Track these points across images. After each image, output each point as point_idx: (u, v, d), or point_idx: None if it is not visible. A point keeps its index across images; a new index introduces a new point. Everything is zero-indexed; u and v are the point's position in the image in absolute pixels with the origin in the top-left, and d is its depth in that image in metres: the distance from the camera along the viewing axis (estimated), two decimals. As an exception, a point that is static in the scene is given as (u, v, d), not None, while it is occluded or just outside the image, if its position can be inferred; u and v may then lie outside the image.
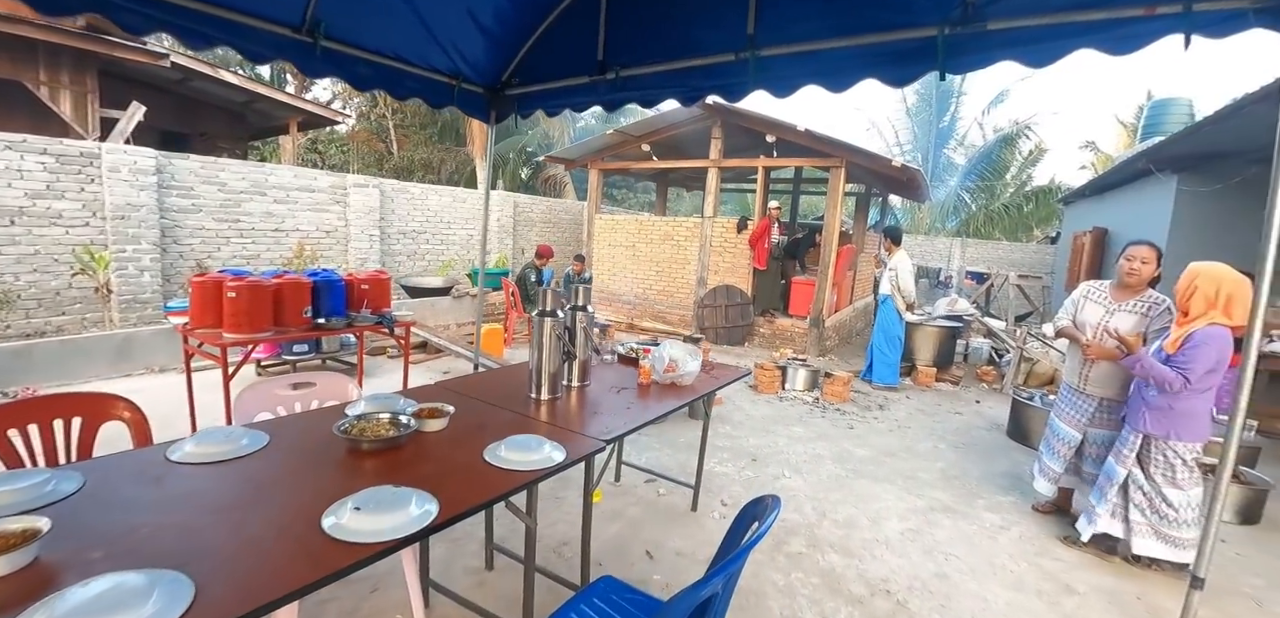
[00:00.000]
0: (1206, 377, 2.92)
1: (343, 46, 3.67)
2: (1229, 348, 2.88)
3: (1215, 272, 2.95)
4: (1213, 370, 2.91)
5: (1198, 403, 3.00)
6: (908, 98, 18.61)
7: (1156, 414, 3.08)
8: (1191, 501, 3.10)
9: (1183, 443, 3.05)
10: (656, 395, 2.86)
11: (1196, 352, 2.89)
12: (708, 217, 9.65)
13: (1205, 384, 2.94)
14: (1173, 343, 3.02)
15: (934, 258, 17.78)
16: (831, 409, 6.11)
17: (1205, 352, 2.87)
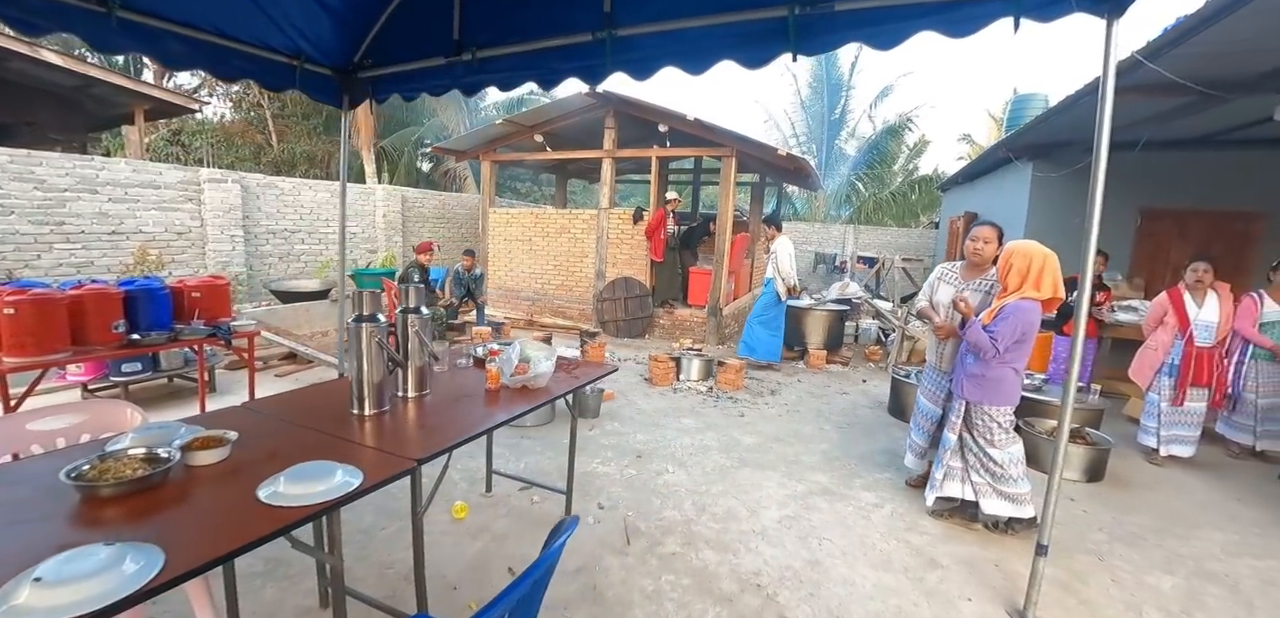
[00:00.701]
0: (1015, 347, 3.11)
1: (146, 17, 3.16)
2: (1036, 319, 3.09)
3: (1028, 249, 3.12)
4: (1020, 341, 3.09)
5: (1006, 371, 3.18)
6: (801, 90, 19.32)
7: (973, 382, 3.27)
8: (1013, 457, 3.31)
9: (996, 407, 3.23)
10: (506, 401, 2.60)
11: (1004, 323, 3.07)
12: (604, 208, 9.45)
13: (1014, 355, 3.13)
14: (989, 314, 3.20)
15: (830, 244, 18.55)
16: (725, 398, 6.09)
17: (1012, 322, 3.05)
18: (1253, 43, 3.98)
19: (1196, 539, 3.61)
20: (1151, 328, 4.86)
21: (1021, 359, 3.17)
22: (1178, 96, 4.95)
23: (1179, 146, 7.31)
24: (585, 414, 5.24)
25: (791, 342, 8.21)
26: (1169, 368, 4.71)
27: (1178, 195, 7.56)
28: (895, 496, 3.93)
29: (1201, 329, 4.57)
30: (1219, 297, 4.62)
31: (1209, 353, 4.60)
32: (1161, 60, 4.03)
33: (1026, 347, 3.14)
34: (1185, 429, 4.68)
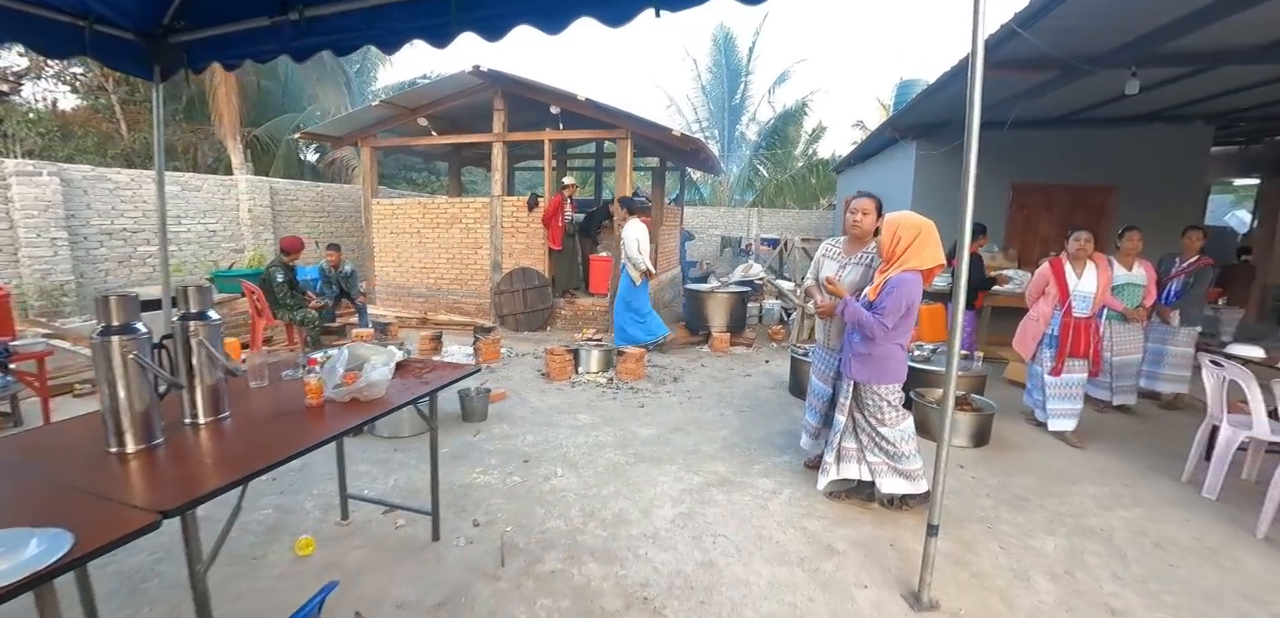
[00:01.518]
0: (900, 323, 3.01)
1: None
2: (918, 292, 2.99)
3: (908, 220, 3.02)
4: (905, 316, 2.99)
5: (892, 348, 3.09)
6: (702, 76, 19.41)
7: (861, 362, 3.16)
8: (904, 433, 3.24)
9: (884, 385, 3.15)
10: (332, 417, 2.15)
11: (889, 297, 2.96)
12: (496, 196, 8.90)
13: (899, 331, 3.03)
14: (874, 290, 3.09)
15: (735, 227, 18.81)
16: (625, 389, 5.81)
17: (897, 297, 2.95)
18: (1110, 15, 4.14)
19: (1073, 496, 3.72)
20: (1034, 298, 4.79)
21: (906, 334, 3.08)
22: (1044, 72, 5.15)
23: (1043, 125, 7.79)
24: (471, 418, 4.79)
25: (695, 326, 8.09)
26: (1049, 339, 4.61)
27: (1044, 171, 8.07)
28: (793, 480, 3.79)
29: (1080, 300, 4.50)
30: (1097, 267, 4.57)
31: (1087, 324, 4.53)
32: (1033, 31, 4.10)
33: (911, 321, 3.05)
34: (1067, 403, 4.61)
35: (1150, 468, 4.22)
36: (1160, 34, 4.34)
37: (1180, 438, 4.72)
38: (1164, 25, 4.26)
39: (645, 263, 7.03)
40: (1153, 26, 4.28)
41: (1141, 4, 3.97)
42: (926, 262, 2.96)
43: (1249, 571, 2.96)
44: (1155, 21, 4.21)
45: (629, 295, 7.14)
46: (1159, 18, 4.17)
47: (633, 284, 7.11)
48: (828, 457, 3.42)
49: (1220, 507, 3.64)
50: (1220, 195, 15.28)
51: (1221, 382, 3.79)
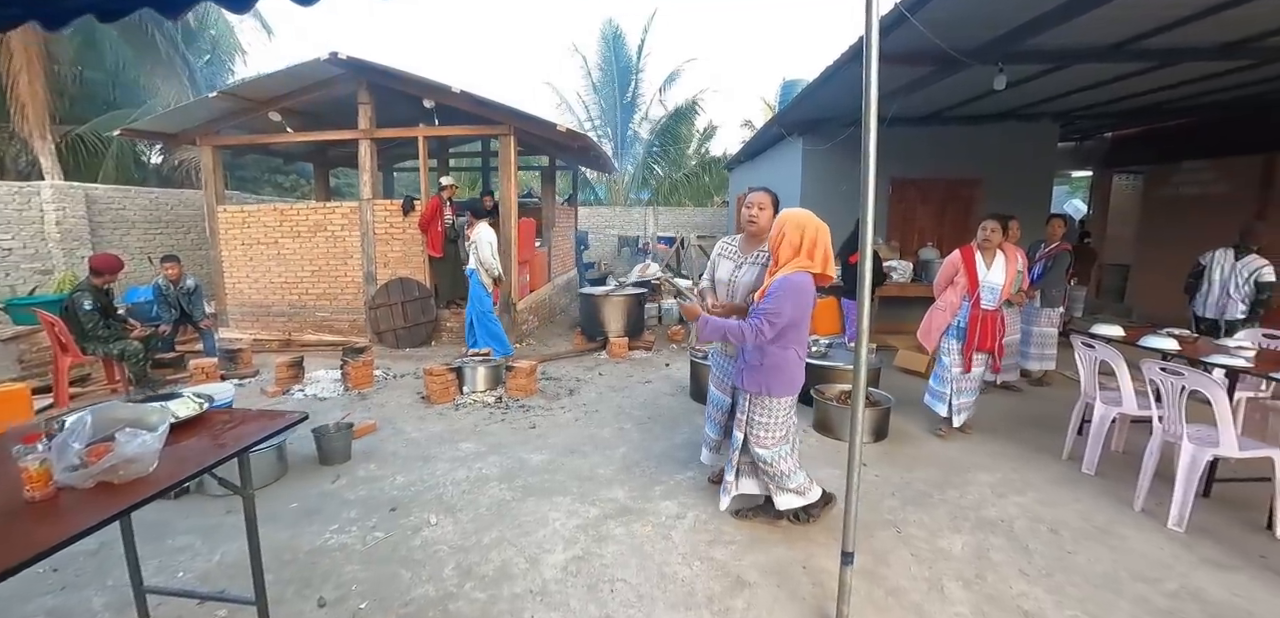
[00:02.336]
0: (789, 329, 2.73)
1: None
2: (808, 295, 2.71)
3: (799, 219, 2.75)
4: (795, 322, 2.72)
5: (786, 356, 2.81)
6: (592, 73, 19.03)
7: (751, 371, 2.88)
8: (781, 454, 2.97)
9: (774, 398, 2.86)
10: (71, 511, 1.52)
11: (771, 301, 2.68)
12: (367, 199, 8.02)
13: (790, 336, 2.76)
14: (760, 292, 2.82)
15: (632, 227, 18.63)
16: (516, 408, 5.30)
17: (778, 299, 2.66)
18: (983, 8, 4.20)
19: (971, 486, 3.71)
20: (942, 288, 4.52)
21: (800, 341, 2.82)
22: (923, 66, 5.22)
23: (918, 123, 8.14)
24: (331, 460, 4.09)
25: (592, 331, 7.70)
26: (956, 330, 4.38)
27: (919, 166, 8.44)
28: (697, 499, 3.49)
29: (988, 291, 4.29)
30: (1006, 258, 4.36)
31: (993, 316, 4.33)
32: (919, 17, 4.07)
33: (802, 327, 2.79)
34: (972, 396, 4.46)
35: (1035, 448, 4.35)
36: (1025, 30, 4.49)
37: (1055, 413, 4.96)
38: (1027, 22, 4.41)
39: (497, 268, 6.79)
40: (1020, 22, 4.41)
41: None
42: (818, 263, 2.70)
43: (1136, 549, 3.01)
44: (1022, 17, 4.34)
45: (484, 301, 6.86)
46: (1024, 13, 4.30)
47: (485, 290, 6.81)
48: (728, 475, 3.16)
49: (1100, 482, 3.77)
50: (1059, 186, 17.12)
51: (1093, 362, 3.93)
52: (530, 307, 8.75)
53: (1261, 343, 4.33)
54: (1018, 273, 5.71)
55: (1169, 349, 3.82)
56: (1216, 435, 3.11)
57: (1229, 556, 2.95)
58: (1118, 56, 5.12)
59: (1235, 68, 5.74)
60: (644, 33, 18.67)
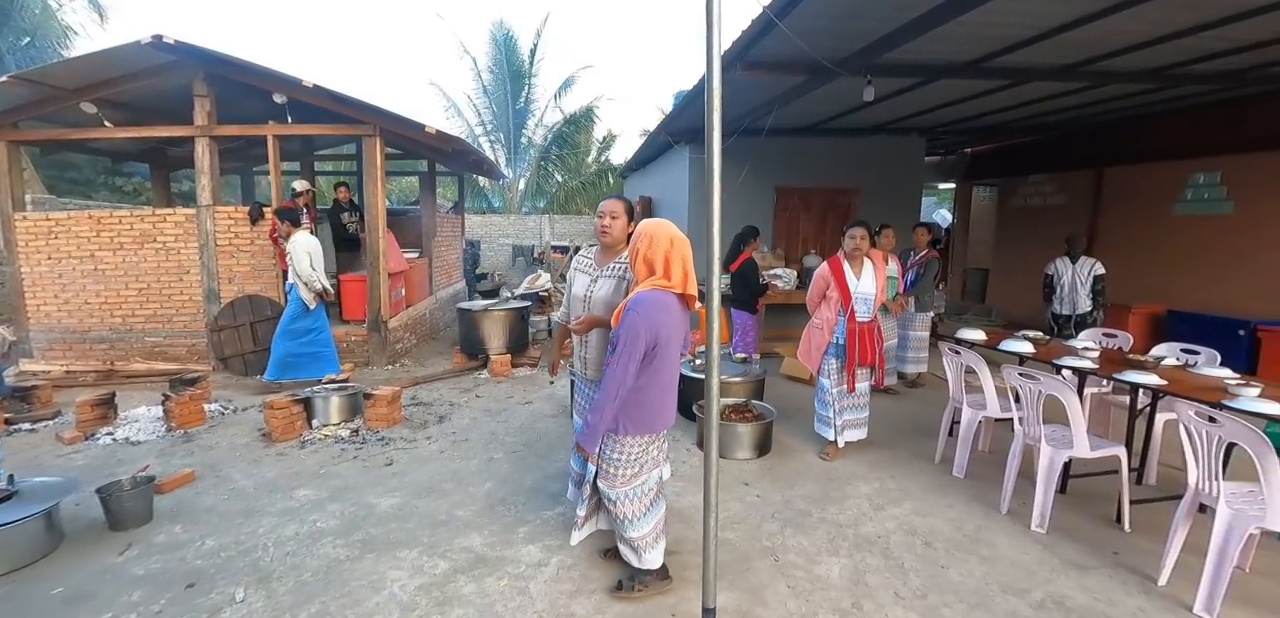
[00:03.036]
0: (652, 357, 2.36)
1: None
2: (668, 314, 2.36)
3: (655, 232, 2.41)
4: (654, 350, 2.36)
5: (648, 389, 2.42)
6: (483, 75, 18.27)
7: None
8: (631, 494, 2.58)
9: (630, 437, 2.48)
10: None
11: (622, 330, 2.34)
12: (205, 206, 7.00)
13: (655, 364, 2.38)
14: (616, 316, 2.47)
15: (527, 236, 18.05)
16: (375, 441, 4.70)
17: (633, 326, 2.30)
18: (846, 19, 4.20)
19: (850, 499, 3.63)
20: (815, 304, 4.24)
21: (667, 367, 2.45)
22: (795, 75, 5.21)
23: (799, 133, 8.34)
24: (123, 524, 3.34)
25: (472, 349, 7.15)
26: (835, 348, 4.10)
27: (801, 175, 8.65)
28: (566, 540, 3.13)
29: (861, 302, 4.04)
30: (875, 266, 4.15)
31: (869, 328, 4.10)
32: (787, 23, 3.98)
33: (671, 349, 2.43)
34: (859, 414, 4.25)
35: (911, 453, 4.39)
36: (886, 42, 4.57)
37: (928, 416, 5.09)
38: (888, 34, 4.49)
39: (321, 281, 5.99)
40: (881, 33, 4.48)
41: (872, 9, 4.07)
42: (675, 281, 2.39)
43: (1004, 556, 3.01)
44: (882, 29, 4.41)
45: (299, 321, 6.06)
46: (883, 26, 4.37)
47: (304, 309, 6.01)
48: (580, 508, 2.82)
49: (970, 485, 3.82)
50: (928, 197, 18.52)
51: (960, 368, 4.00)
52: (406, 324, 8.03)
53: (1103, 342, 4.63)
54: (891, 278, 5.92)
55: (1025, 352, 3.96)
56: (1070, 436, 3.19)
57: (1087, 555, 3.02)
58: (973, 73, 5.38)
59: (1071, 89, 6.26)
60: (536, 36, 18.21)
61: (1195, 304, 7.66)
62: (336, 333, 7.38)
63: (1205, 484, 2.61)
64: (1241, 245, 7.38)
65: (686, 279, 2.41)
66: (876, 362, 4.19)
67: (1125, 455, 3.17)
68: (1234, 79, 5.87)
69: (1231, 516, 2.48)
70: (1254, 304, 7.16)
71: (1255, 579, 2.79)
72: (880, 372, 4.33)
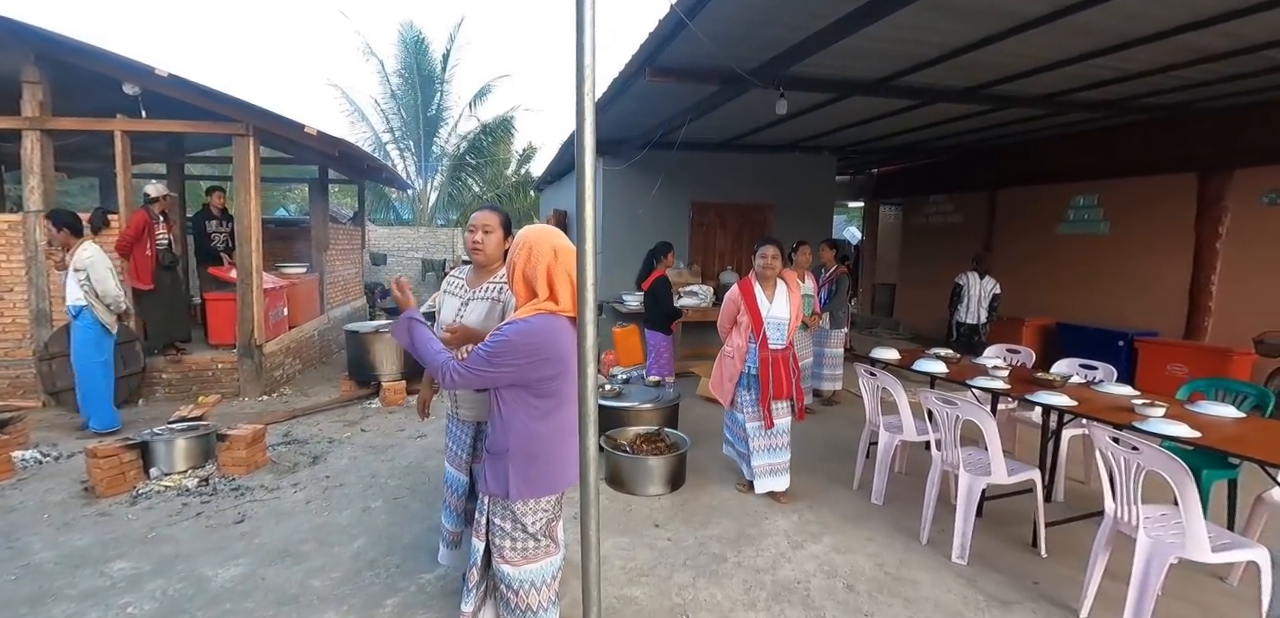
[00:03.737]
0: (543, 392, 1.91)
1: None
2: (554, 344, 1.89)
3: (538, 243, 1.94)
4: (550, 383, 1.91)
5: (540, 438, 1.93)
6: (391, 79, 17.22)
7: (492, 462, 2.00)
8: (536, 578, 2.06)
9: (526, 501, 1.97)
10: None
11: (485, 352, 1.84)
12: (34, 211, 5.92)
13: (543, 414, 1.94)
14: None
15: (438, 250, 17.12)
16: (228, 491, 3.98)
17: (498, 354, 1.82)
18: (757, 26, 4.01)
19: (767, 537, 3.36)
20: (726, 329, 3.86)
21: (562, 409, 1.97)
22: (707, 83, 4.99)
23: (714, 148, 8.22)
24: None
25: (362, 375, 6.44)
26: (748, 379, 3.69)
27: (717, 190, 8.53)
28: (445, 611, 2.65)
29: (774, 327, 3.65)
30: (789, 288, 3.75)
31: (784, 357, 3.68)
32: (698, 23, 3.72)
33: (565, 388, 1.96)
34: (777, 456, 3.76)
35: (828, 478, 4.21)
36: (795, 53, 4.44)
37: (846, 436, 4.98)
38: (797, 44, 4.36)
39: (120, 299, 5.15)
40: (790, 43, 4.35)
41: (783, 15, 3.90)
42: (564, 302, 1.95)
43: (927, 596, 2.82)
44: (792, 38, 4.27)
45: (93, 348, 5.10)
46: (793, 35, 4.23)
47: (103, 332, 5.12)
48: (465, 603, 2.21)
49: (888, 513, 3.66)
50: (839, 215, 19.23)
51: (875, 390, 3.86)
52: (287, 348, 7.16)
53: (1007, 357, 4.66)
54: (807, 296, 5.82)
55: (938, 373, 3.87)
56: (987, 461, 3.07)
57: (1009, 588, 2.88)
58: (882, 91, 5.39)
59: (972, 113, 6.45)
60: (450, 41, 17.38)
61: (1080, 317, 8.14)
62: (201, 360, 6.48)
63: (1123, 511, 2.52)
64: (1116, 263, 7.92)
65: (574, 302, 2.01)
66: (794, 392, 3.75)
67: (1040, 479, 3.08)
68: (1116, 108, 6.24)
69: (1151, 545, 2.38)
70: (1130, 317, 7.68)
71: (1172, 603, 2.73)
72: (799, 404, 3.81)
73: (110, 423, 5.20)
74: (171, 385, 6.39)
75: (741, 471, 3.98)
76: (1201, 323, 7.14)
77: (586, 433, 1.53)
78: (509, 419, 1.93)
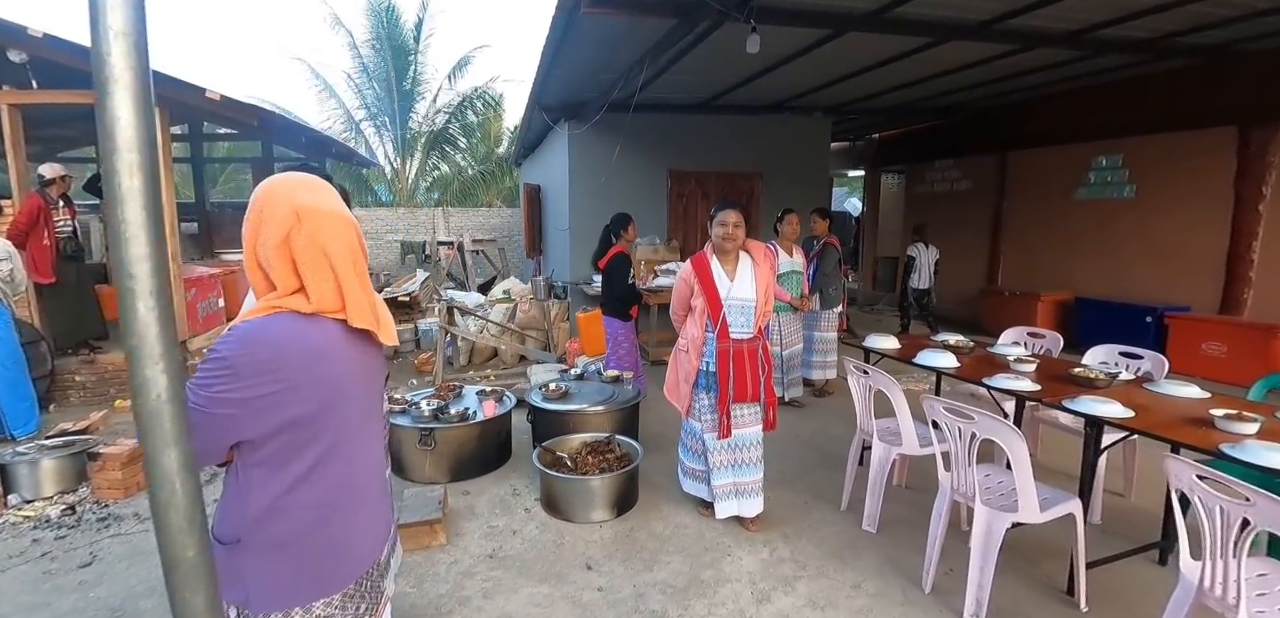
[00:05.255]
0: (274, 449, 1.16)
1: None
2: (296, 358, 1.13)
3: (271, 204, 1.16)
4: (302, 422, 1.16)
5: (292, 514, 1.18)
6: (362, 50, 16.28)
7: (223, 554, 1.20)
8: None
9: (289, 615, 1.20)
10: None
11: (190, 401, 1.01)
12: (-91, 197, 5.20)
13: (295, 471, 1.18)
14: None
15: (418, 231, 16.33)
16: (95, 521, 3.31)
17: (206, 388, 1.07)
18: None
19: (727, 582, 2.64)
20: (680, 318, 3.17)
21: (335, 463, 1.20)
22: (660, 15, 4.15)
23: (694, 109, 7.42)
24: None
25: (296, 374, 5.73)
26: (705, 378, 2.99)
27: (697, 157, 7.74)
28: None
29: (736, 312, 2.92)
30: (754, 262, 2.99)
31: (751, 349, 2.93)
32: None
33: (336, 429, 1.20)
34: (744, 473, 3.02)
35: (812, 493, 3.50)
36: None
37: (836, 437, 4.28)
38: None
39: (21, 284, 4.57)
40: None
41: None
42: (322, 296, 1.16)
43: (930, 676, 2.11)
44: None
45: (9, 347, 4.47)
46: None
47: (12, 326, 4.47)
48: None
49: (882, 545, 2.94)
50: (839, 187, 18.36)
51: (867, 391, 3.12)
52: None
53: (1028, 342, 3.91)
54: (796, 273, 5.05)
55: (947, 368, 3.13)
56: (1011, 490, 2.34)
57: (1038, 663, 2.17)
58: (879, 26, 4.55)
59: (988, 56, 5.62)
60: (423, 8, 16.39)
61: (1101, 291, 7.37)
62: (118, 360, 5.77)
63: (1213, 575, 1.78)
64: (1142, 230, 7.13)
65: (343, 289, 1.19)
66: (761, 395, 2.98)
67: (1081, 511, 2.35)
68: (1152, 49, 5.42)
69: (1253, 627, 1.65)
70: (1157, 290, 6.91)
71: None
72: (771, 412, 3.05)
73: (28, 428, 4.62)
74: (86, 389, 5.69)
75: (697, 497, 3.25)
76: (1239, 296, 6.37)
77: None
78: (246, 485, 1.19)
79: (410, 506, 3.05)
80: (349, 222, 1.23)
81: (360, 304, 1.21)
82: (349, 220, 1.24)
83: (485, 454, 3.75)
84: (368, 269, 1.29)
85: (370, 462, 1.34)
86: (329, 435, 1.20)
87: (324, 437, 1.19)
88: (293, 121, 7.20)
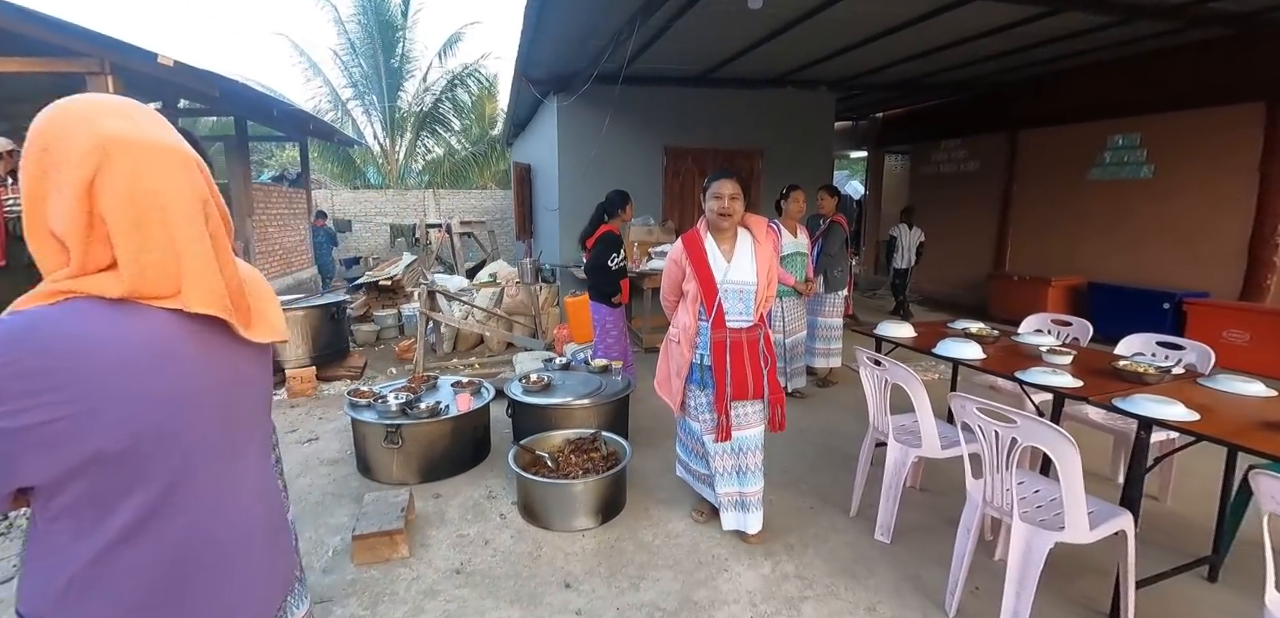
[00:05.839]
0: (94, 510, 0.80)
1: None
2: (89, 367, 0.75)
3: (64, 140, 0.76)
4: (111, 461, 0.79)
5: (99, 588, 0.80)
6: (347, 26, 15.76)
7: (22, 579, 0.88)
8: None
9: None
10: None
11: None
12: None
13: (108, 526, 0.81)
14: None
15: (409, 214, 15.93)
16: (16, 534, 2.98)
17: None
18: None
19: (721, 605, 2.32)
20: (671, 303, 2.83)
21: (178, 515, 0.85)
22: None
23: (692, 83, 7.05)
24: None
25: (265, 361, 5.38)
26: (699, 373, 2.64)
27: (695, 133, 7.38)
28: None
29: (733, 297, 2.59)
30: (755, 240, 2.66)
31: (750, 338, 2.60)
32: None
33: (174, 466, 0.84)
34: (747, 482, 2.67)
35: (818, 496, 3.18)
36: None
37: (844, 432, 3.97)
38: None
39: None
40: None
41: None
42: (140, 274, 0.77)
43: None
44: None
45: None
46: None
47: None
48: None
49: (897, 557, 2.62)
50: (840, 170, 17.95)
51: (882, 386, 2.79)
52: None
53: (1050, 327, 3.59)
54: (801, 254, 4.69)
55: (972, 360, 2.79)
56: (1056, 503, 2.02)
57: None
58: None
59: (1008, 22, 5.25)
60: (409, -16, 15.85)
61: (1116, 276, 7.05)
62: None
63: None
64: (1160, 212, 6.79)
65: (181, 258, 0.83)
66: (769, 391, 2.63)
67: (1131, 527, 2.04)
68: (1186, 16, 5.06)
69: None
70: (1174, 275, 6.60)
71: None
72: (776, 406, 2.66)
73: None
74: (41, 375, 5.34)
75: (700, 494, 2.92)
76: (1262, 281, 6.06)
77: None
78: (45, 545, 0.84)
79: (369, 513, 2.72)
80: (188, 158, 0.87)
81: (205, 282, 0.85)
82: (188, 157, 0.87)
83: (459, 452, 3.42)
84: (231, 231, 0.93)
85: (241, 506, 0.97)
86: (162, 477, 0.84)
87: (153, 479, 0.83)
88: (260, 93, 6.75)
